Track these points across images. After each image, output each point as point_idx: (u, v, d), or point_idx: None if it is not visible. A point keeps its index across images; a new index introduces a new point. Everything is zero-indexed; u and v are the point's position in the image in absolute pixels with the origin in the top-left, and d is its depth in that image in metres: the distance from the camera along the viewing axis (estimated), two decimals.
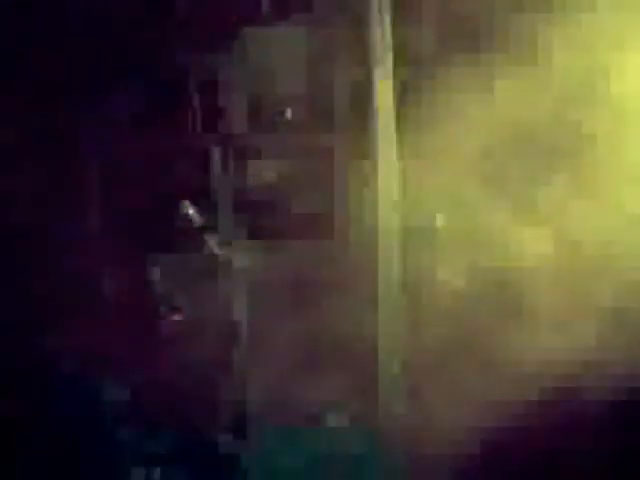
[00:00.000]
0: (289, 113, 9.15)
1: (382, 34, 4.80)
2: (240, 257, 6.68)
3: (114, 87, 7.62)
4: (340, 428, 3.98)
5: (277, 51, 8.54)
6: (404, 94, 6.02)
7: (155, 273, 6.81)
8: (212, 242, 6.64)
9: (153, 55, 7.71)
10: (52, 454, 3.86)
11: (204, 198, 7.38)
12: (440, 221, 7.44)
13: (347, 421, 3.98)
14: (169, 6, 8.23)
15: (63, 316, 6.77)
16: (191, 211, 6.75)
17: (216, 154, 8.18)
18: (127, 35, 7.90)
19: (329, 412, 4.00)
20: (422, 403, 5.75)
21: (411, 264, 6.38)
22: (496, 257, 7.35)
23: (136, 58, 7.67)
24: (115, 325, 7.99)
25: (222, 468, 3.90)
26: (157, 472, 3.82)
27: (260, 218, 8.14)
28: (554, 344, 6.33)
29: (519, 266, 7.38)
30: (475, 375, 6.31)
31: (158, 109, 7.84)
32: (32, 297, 7.15)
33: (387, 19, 4.83)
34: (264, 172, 8.95)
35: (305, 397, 5.76)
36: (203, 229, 6.73)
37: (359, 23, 4.97)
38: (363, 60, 4.89)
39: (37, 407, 4.07)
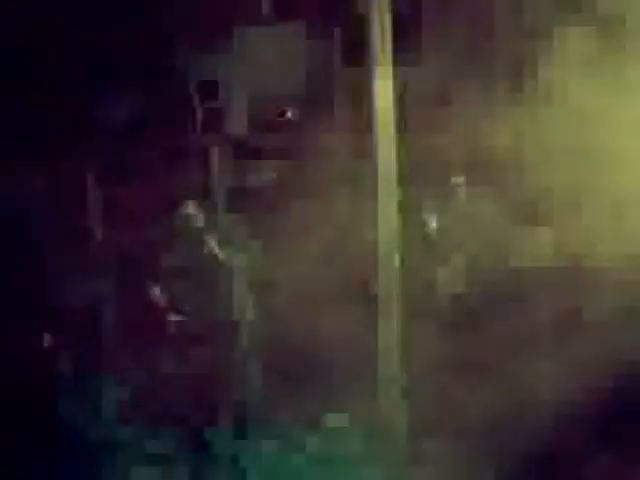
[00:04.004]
0: (289, 113, 9.16)
1: (382, 34, 4.79)
2: (240, 257, 6.68)
3: (114, 87, 7.62)
4: (340, 428, 3.98)
5: (277, 51, 8.54)
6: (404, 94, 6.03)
7: (155, 273, 6.81)
8: (212, 242, 6.63)
9: (153, 55, 7.72)
10: (52, 453, 3.87)
11: (204, 198, 7.38)
12: (433, 223, 7.45)
13: (347, 421, 3.99)
14: (169, 6, 8.23)
15: (65, 316, 6.77)
16: (192, 211, 6.74)
17: (216, 154, 8.19)
18: (127, 35, 7.90)
19: (329, 412, 4.00)
20: (421, 402, 5.76)
21: (411, 265, 6.38)
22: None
23: (136, 58, 7.67)
24: (116, 325, 8.00)
25: (222, 468, 3.90)
26: (157, 472, 3.82)
27: (260, 218, 8.14)
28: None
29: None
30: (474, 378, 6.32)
31: (158, 109, 7.85)
32: (30, 296, 7.15)
33: (387, 19, 4.81)
34: (264, 172, 8.95)
35: (305, 397, 5.75)
36: (203, 229, 6.72)
37: (359, 23, 4.97)
38: (363, 60, 4.89)
39: (38, 407, 4.08)
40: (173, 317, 6.93)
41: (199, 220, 6.76)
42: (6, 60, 6.91)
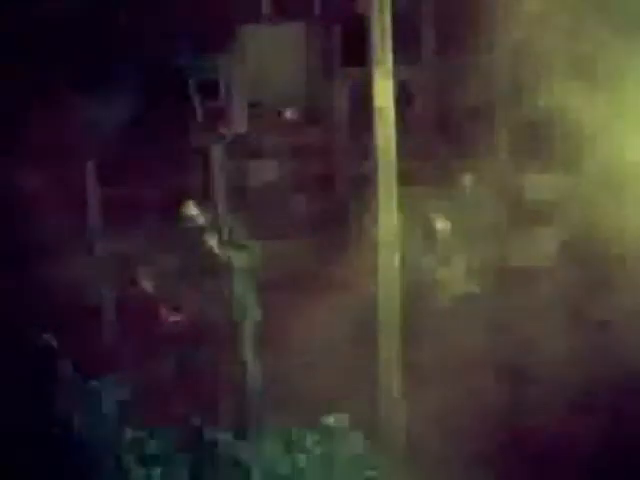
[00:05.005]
0: (289, 113, 9.16)
1: (382, 34, 4.78)
2: (240, 257, 6.67)
3: (114, 87, 7.62)
4: (340, 428, 3.97)
5: (277, 51, 8.53)
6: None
7: (155, 273, 6.81)
8: (212, 242, 6.63)
9: (153, 55, 7.71)
10: (51, 453, 3.87)
11: (204, 198, 7.37)
12: (440, 224, 7.44)
13: (347, 421, 3.98)
14: (169, 6, 8.22)
15: (63, 317, 6.77)
16: (193, 211, 6.74)
17: (216, 154, 8.19)
18: (127, 35, 7.89)
19: (329, 412, 4.00)
20: (421, 402, 5.76)
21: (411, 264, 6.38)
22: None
23: (136, 58, 7.67)
24: (116, 325, 7.99)
25: (222, 468, 3.90)
26: (157, 472, 3.82)
27: (260, 218, 8.13)
28: None
29: None
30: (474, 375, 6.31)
31: (158, 109, 7.84)
32: (31, 298, 7.15)
33: (387, 19, 4.80)
34: (264, 172, 8.95)
35: (305, 397, 5.75)
36: (203, 229, 6.72)
37: (359, 23, 4.97)
38: (363, 60, 4.88)
39: (37, 407, 4.08)
40: (173, 317, 6.94)
41: (199, 220, 6.75)
42: (6, 60, 6.91)
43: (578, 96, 6.31)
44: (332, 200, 8.78)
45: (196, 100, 7.83)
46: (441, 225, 7.40)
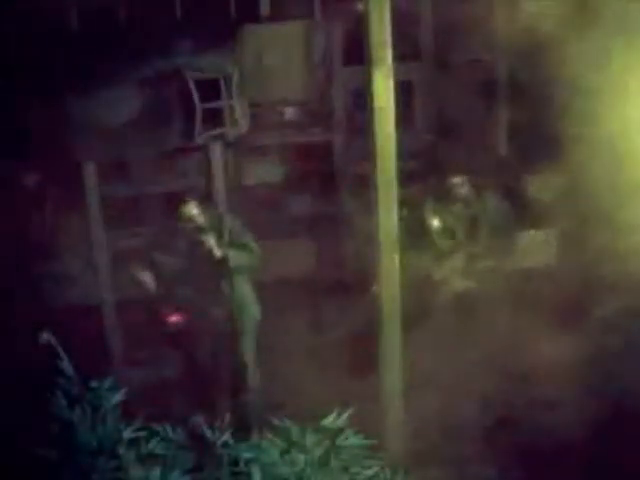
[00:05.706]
0: (289, 113, 9.16)
1: (382, 33, 4.77)
2: (240, 256, 6.67)
3: (114, 86, 7.62)
4: (340, 428, 3.97)
5: (277, 51, 8.53)
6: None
7: (155, 273, 6.81)
8: (212, 241, 6.63)
9: (153, 54, 7.71)
10: (51, 454, 3.86)
11: (204, 198, 7.38)
12: (436, 223, 7.45)
13: (347, 421, 3.98)
14: (169, 6, 8.23)
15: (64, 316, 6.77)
16: (193, 211, 6.74)
17: (216, 154, 8.19)
18: (127, 35, 7.90)
19: (329, 412, 3.99)
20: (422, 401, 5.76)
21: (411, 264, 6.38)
22: None
23: (136, 57, 7.67)
24: (116, 325, 8.00)
25: (222, 468, 3.89)
26: (156, 472, 3.81)
27: (260, 218, 8.14)
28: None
29: None
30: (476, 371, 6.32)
31: (158, 109, 7.84)
32: (31, 297, 7.15)
33: (387, 19, 4.80)
34: (264, 172, 8.95)
35: (305, 397, 5.75)
36: (203, 229, 6.72)
37: (359, 22, 4.96)
38: (363, 59, 4.88)
39: (36, 407, 4.07)
40: (173, 317, 6.94)
41: (199, 220, 6.75)
42: (5, 60, 6.91)
43: (580, 95, 6.31)
44: (332, 200, 8.78)
45: (196, 100, 7.82)
46: (440, 225, 7.41)
